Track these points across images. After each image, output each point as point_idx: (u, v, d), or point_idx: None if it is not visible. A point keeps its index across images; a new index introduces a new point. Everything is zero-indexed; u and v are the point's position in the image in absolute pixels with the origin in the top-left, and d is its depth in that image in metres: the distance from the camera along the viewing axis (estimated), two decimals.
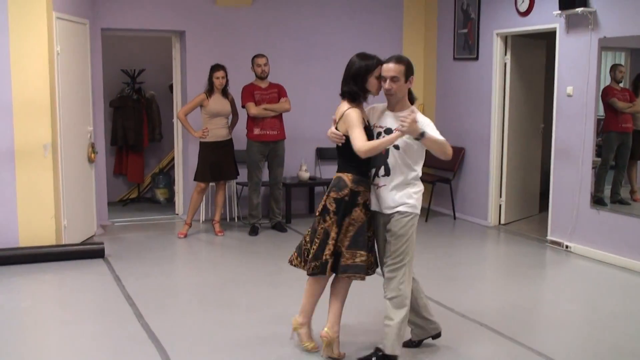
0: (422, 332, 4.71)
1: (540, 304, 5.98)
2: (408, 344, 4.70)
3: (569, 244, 7.34)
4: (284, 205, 8.57)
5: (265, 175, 8.27)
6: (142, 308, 5.45)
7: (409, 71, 4.32)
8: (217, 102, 7.79)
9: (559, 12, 7.23)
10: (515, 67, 8.45)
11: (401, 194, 4.31)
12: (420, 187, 4.42)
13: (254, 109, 7.86)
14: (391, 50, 9.49)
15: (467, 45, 8.85)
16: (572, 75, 7.28)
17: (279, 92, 8.08)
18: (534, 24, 7.82)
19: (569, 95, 7.31)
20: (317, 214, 4.43)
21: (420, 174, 4.39)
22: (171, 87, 9.24)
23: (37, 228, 6.88)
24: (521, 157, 8.70)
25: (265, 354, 4.61)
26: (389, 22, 9.55)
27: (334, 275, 4.49)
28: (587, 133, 7.12)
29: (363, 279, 4.44)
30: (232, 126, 8.06)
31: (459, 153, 8.98)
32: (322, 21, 9.21)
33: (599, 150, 7.20)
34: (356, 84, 4.39)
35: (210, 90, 7.80)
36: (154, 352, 4.62)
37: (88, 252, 6.94)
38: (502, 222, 8.64)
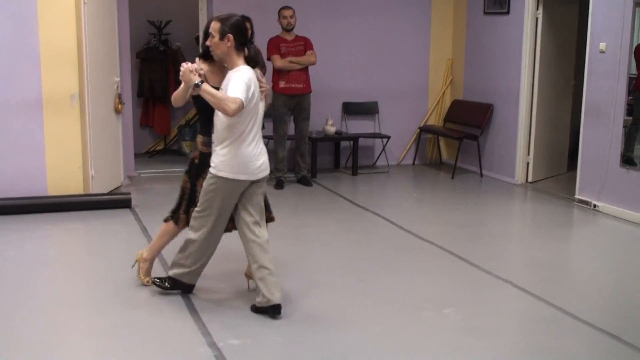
0: (191, 277, 4.73)
1: (566, 263, 5.94)
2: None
3: (597, 203, 7.26)
4: (309, 160, 8.55)
5: (291, 129, 8.24)
6: (167, 257, 5.49)
7: (224, 30, 4.26)
8: None
9: None
10: (547, 23, 8.27)
11: (215, 154, 4.37)
12: (238, 150, 4.31)
13: (279, 62, 7.81)
14: (419, 6, 9.40)
15: (498, 0, 8.67)
16: (605, 31, 7.11)
17: (305, 45, 8.01)
18: None
19: (602, 52, 7.15)
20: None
21: (235, 135, 4.29)
22: (197, 38, 9.18)
23: (65, 177, 6.95)
24: (550, 114, 8.57)
25: (289, 304, 4.64)
26: None
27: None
28: (619, 91, 6.97)
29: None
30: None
31: (487, 109, 8.87)
32: None
33: (630, 109, 7.05)
34: (205, 42, 4.43)
35: None
36: (179, 299, 4.67)
37: (115, 202, 7.00)
38: (530, 180, 8.56)
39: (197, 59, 4.49)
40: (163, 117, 10.01)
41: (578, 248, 6.41)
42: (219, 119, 4.30)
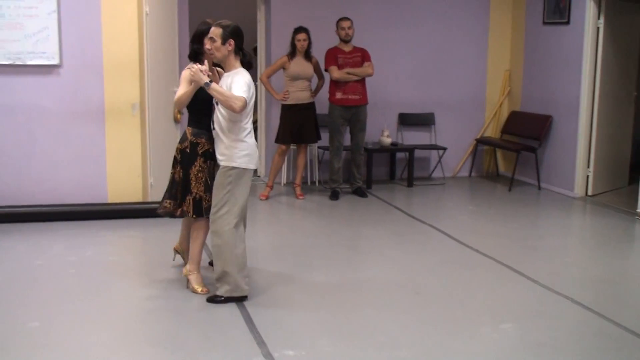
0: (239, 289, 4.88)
1: (627, 279, 5.79)
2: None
3: None
4: (365, 171, 8.54)
5: (346, 140, 8.25)
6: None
7: (226, 35, 4.73)
8: (299, 65, 7.78)
9: None
10: (608, 32, 8.12)
11: (222, 146, 4.76)
12: (241, 141, 4.75)
13: (336, 73, 7.83)
14: (477, 16, 9.32)
15: (558, 9, 8.54)
16: None
17: (363, 56, 8.01)
18: None
19: None
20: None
21: (241, 128, 4.75)
22: (255, 49, 9.27)
23: (124, 185, 7.09)
24: (611, 126, 8.39)
25: (343, 317, 4.63)
26: None
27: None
28: None
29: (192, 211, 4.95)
30: (317, 90, 8.06)
31: (545, 121, 8.73)
32: None
33: None
34: (194, 44, 5.04)
35: (292, 53, 7.80)
36: (235, 310, 4.70)
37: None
38: (590, 193, 8.38)
39: (205, 62, 4.97)
40: None
41: (639, 263, 6.26)
42: (223, 117, 4.71)
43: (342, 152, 8.19)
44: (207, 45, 4.81)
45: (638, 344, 4.31)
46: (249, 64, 4.90)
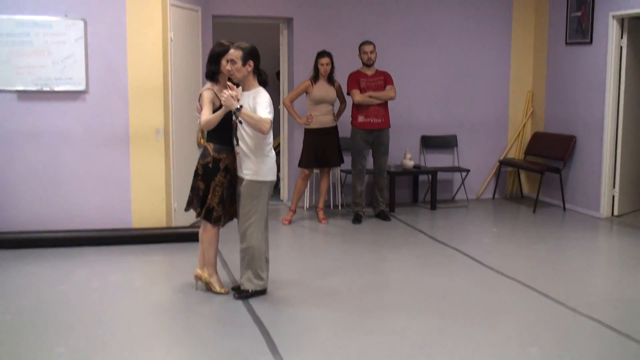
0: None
1: None
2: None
3: None
4: (387, 194, 8.52)
5: (369, 163, 8.25)
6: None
7: (246, 57, 5.09)
8: (322, 89, 7.82)
9: None
10: (632, 52, 8.07)
11: (249, 162, 5.14)
12: (265, 156, 5.16)
13: (358, 96, 7.85)
14: (499, 37, 9.33)
15: (581, 29, 8.52)
16: None
17: (385, 80, 8.03)
18: None
19: None
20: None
21: (266, 145, 5.14)
22: (278, 73, 9.34)
23: (148, 210, 7.14)
24: (636, 145, 8.33)
25: (368, 342, 4.61)
26: (498, 6, 9.33)
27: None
28: None
29: (218, 227, 5.39)
30: (339, 113, 8.08)
31: (569, 141, 8.67)
32: (431, 6, 9.08)
33: None
34: (211, 65, 5.30)
35: (315, 77, 7.84)
36: (257, 333, 4.69)
37: (196, 235, 7.02)
38: (616, 213, 8.30)
39: (229, 83, 5.17)
40: None
41: None
42: (249, 136, 5.06)
43: (365, 175, 8.19)
44: (227, 66, 5.12)
45: None
46: (264, 83, 5.25)
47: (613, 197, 8.31)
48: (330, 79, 7.89)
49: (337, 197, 8.91)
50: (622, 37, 8.06)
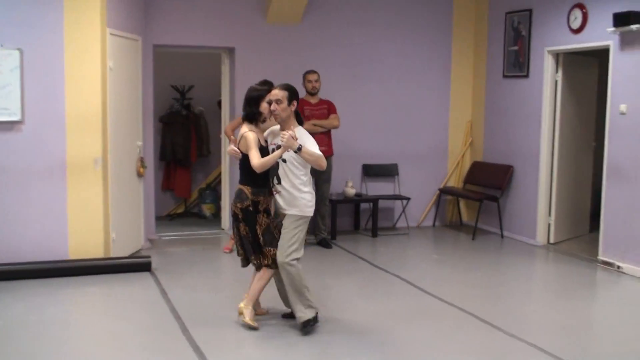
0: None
1: (592, 325, 5.84)
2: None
3: (620, 264, 7.17)
4: (329, 222, 8.55)
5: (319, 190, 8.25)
6: (187, 322, 5.49)
7: (291, 96, 5.19)
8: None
9: (613, 29, 7.11)
10: (566, 85, 8.33)
11: (291, 199, 5.22)
12: (308, 192, 5.28)
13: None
14: (440, 68, 9.53)
15: (518, 63, 8.75)
16: (626, 93, 7.15)
17: (329, 109, 8.10)
18: (586, 42, 7.70)
19: (622, 114, 7.17)
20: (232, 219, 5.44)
21: (306, 181, 5.27)
22: (219, 103, 9.32)
23: (86, 241, 6.99)
24: (571, 175, 8.55)
25: None
26: (438, 39, 9.52)
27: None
28: None
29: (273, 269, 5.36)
30: None
31: (507, 171, 8.86)
32: (372, 38, 9.21)
33: None
34: (251, 107, 5.34)
35: None
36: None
37: (135, 266, 7.02)
38: (551, 241, 8.48)
39: (243, 124, 5.35)
40: (184, 181, 10.10)
41: (602, 310, 6.30)
42: (294, 175, 5.18)
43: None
44: (273, 106, 5.16)
45: None
46: (301, 122, 5.34)
47: (549, 225, 8.50)
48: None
49: None
50: (557, 72, 8.31)
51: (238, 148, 5.30)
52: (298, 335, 5.23)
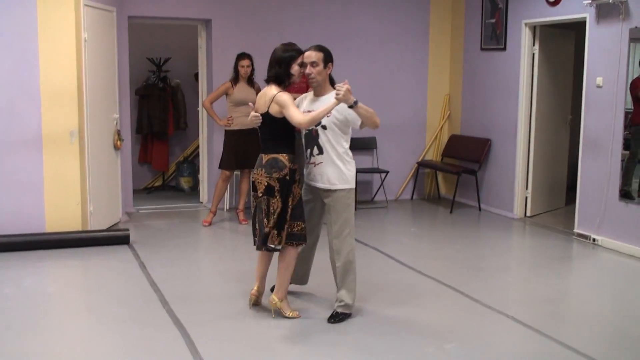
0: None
1: (567, 297, 5.92)
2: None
3: (596, 237, 7.26)
4: None
5: None
6: (166, 294, 5.48)
7: (327, 58, 4.85)
8: (242, 91, 7.78)
9: (589, 1, 7.13)
10: (543, 58, 8.35)
11: (335, 170, 4.80)
12: (353, 161, 4.90)
13: None
14: (417, 43, 9.50)
15: (495, 36, 8.76)
16: (601, 66, 7.18)
17: (307, 82, 8.03)
18: (563, 14, 7.72)
19: (599, 87, 7.21)
20: (259, 194, 4.81)
21: (348, 149, 4.88)
22: (196, 75, 9.25)
23: (63, 214, 6.94)
24: (548, 149, 8.61)
25: (291, 338, 4.60)
26: (415, 12, 9.48)
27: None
28: (616, 125, 7.02)
29: (303, 244, 4.97)
30: None
31: (485, 144, 8.90)
32: (349, 12, 9.16)
33: (627, 143, 7.08)
34: (282, 68, 4.87)
35: (235, 79, 7.81)
36: (179, 337, 4.63)
37: (113, 239, 6.98)
38: (528, 214, 8.56)
39: (269, 86, 4.88)
40: (161, 154, 10.03)
41: (578, 282, 6.39)
42: (337, 142, 4.78)
43: None
44: (308, 69, 4.80)
45: None
46: (333, 84, 4.90)
47: (526, 198, 8.57)
48: (250, 81, 7.86)
49: None
50: (534, 44, 8.32)
51: (266, 113, 4.79)
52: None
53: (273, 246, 4.90)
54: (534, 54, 8.34)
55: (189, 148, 10.33)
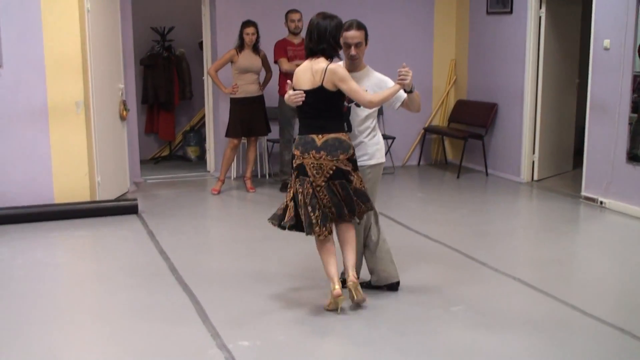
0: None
1: (574, 259, 5.93)
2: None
3: (603, 200, 7.26)
4: None
5: (297, 132, 8.23)
6: (176, 262, 5.52)
7: (367, 36, 4.65)
8: (247, 58, 7.76)
9: None
10: (550, 21, 8.27)
11: (365, 147, 4.67)
12: (378, 137, 4.76)
13: (286, 65, 7.80)
14: (422, 7, 9.41)
15: None
16: (609, 28, 7.11)
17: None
18: None
19: (606, 49, 7.15)
20: (328, 177, 4.43)
21: (376, 127, 4.76)
22: (201, 44, 9.21)
23: (71, 185, 6.97)
24: (555, 112, 8.56)
25: (296, 304, 4.65)
26: None
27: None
28: (623, 88, 6.96)
29: (370, 208, 4.63)
30: (265, 83, 8.04)
31: (491, 109, 8.87)
32: None
33: (635, 106, 7.04)
34: (335, 41, 4.51)
35: (240, 46, 7.77)
36: (188, 303, 4.68)
37: (122, 209, 7.01)
38: (535, 178, 8.55)
39: (315, 59, 4.50)
40: (168, 124, 10.04)
41: (585, 245, 6.40)
42: (367, 117, 4.64)
43: (293, 144, 8.17)
44: (353, 51, 4.53)
45: (585, 321, 4.43)
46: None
47: (533, 162, 8.55)
48: (256, 49, 7.83)
49: (264, 166, 8.89)
50: (540, 8, 8.23)
51: (319, 87, 4.44)
52: (275, 266, 5.29)
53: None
54: (540, 17, 8.25)
55: (195, 117, 10.33)
